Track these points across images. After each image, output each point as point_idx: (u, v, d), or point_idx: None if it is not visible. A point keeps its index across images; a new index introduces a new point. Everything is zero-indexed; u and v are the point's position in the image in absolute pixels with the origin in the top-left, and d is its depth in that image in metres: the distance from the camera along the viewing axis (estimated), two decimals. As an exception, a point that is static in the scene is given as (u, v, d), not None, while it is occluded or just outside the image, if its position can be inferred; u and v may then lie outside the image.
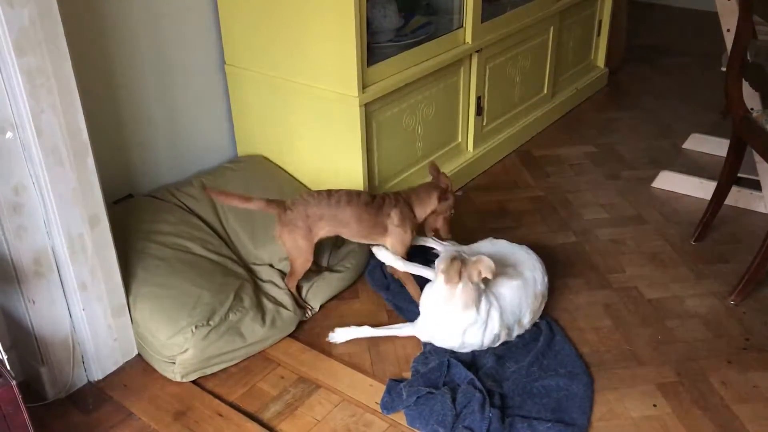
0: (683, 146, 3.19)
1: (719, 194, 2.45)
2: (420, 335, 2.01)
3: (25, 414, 1.44)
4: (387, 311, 2.19)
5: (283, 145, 2.58)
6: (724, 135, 2.64)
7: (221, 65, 2.59)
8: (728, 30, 2.52)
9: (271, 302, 2.06)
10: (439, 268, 1.88)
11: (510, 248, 2.17)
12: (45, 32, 1.56)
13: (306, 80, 2.36)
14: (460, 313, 1.88)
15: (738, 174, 2.44)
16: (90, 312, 1.86)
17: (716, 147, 3.01)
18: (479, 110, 2.88)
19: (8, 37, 1.51)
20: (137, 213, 2.23)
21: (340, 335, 2.07)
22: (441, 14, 2.75)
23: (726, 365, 1.96)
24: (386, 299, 2.21)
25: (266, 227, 2.30)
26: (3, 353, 1.50)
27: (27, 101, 1.58)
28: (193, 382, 1.93)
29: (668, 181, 2.87)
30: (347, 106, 2.28)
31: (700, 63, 4.15)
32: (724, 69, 2.35)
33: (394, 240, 2.10)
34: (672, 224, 2.62)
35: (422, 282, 2.08)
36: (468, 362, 1.92)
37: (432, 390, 1.80)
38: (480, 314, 1.89)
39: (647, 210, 2.72)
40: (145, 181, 2.46)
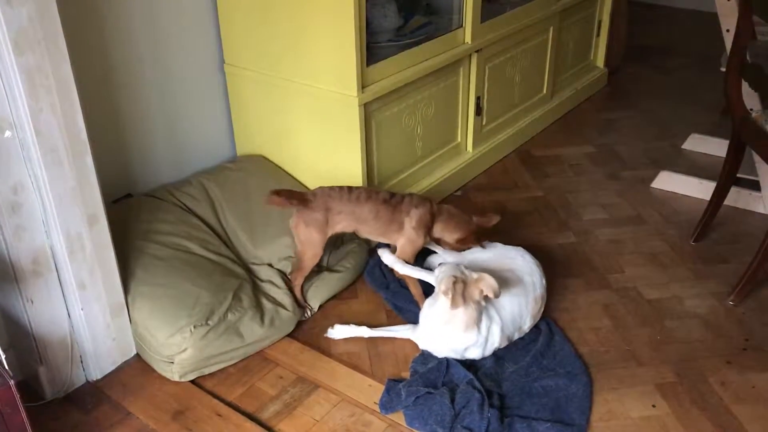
0: (683, 146, 3.19)
1: (718, 194, 2.45)
2: (419, 344, 2.00)
3: (24, 414, 1.44)
4: (386, 311, 2.19)
5: (283, 145, 2.58)
6: (724, 135, 2.64)
7: (220, 65, 2.58)
8: (728, 30, 2.52)
9: (270, 302, 2.06)
10: (440, 289, 1.85)
11: (505, 251, 2.16)
12: (44, 31, 1.56)
13: (305, 80, 2.36)
14: (461, 335, 1.87)
15: (737, 174, 2.44)
16: (88, 311, 1.85)
17: (716, 147, 3.01)
18: (479, 110, 2.88)
19: (7, 36, 1.51)
20: (136, 212, 2.22)
21: (339, 332, 2.07)
22: (441, 14, 2.75)
23: (725, 365, 1.96)
24: (385, 299, 2.20)
25: (265, 227, 2.30)
26: (1, 353, 1.49)
27: (26, 100, 1.57)
28: (192, 382, 1.93)
29: (668, 182, 2.86)
30: (347, 106, 2.28)
31: (700, 63, 4.15)
32: (724, 69, 2.35)
33: (406, 240, 2.09)
34: (671, 224, 2.62)
35: (422, 282, 2.08)
36: (467, 363, 1.92)
37: (431, 390, 1.80)
38: (481, 333, 1.88)
39: (647, 210, 2.72)
40: (144, 181, 2.46)
